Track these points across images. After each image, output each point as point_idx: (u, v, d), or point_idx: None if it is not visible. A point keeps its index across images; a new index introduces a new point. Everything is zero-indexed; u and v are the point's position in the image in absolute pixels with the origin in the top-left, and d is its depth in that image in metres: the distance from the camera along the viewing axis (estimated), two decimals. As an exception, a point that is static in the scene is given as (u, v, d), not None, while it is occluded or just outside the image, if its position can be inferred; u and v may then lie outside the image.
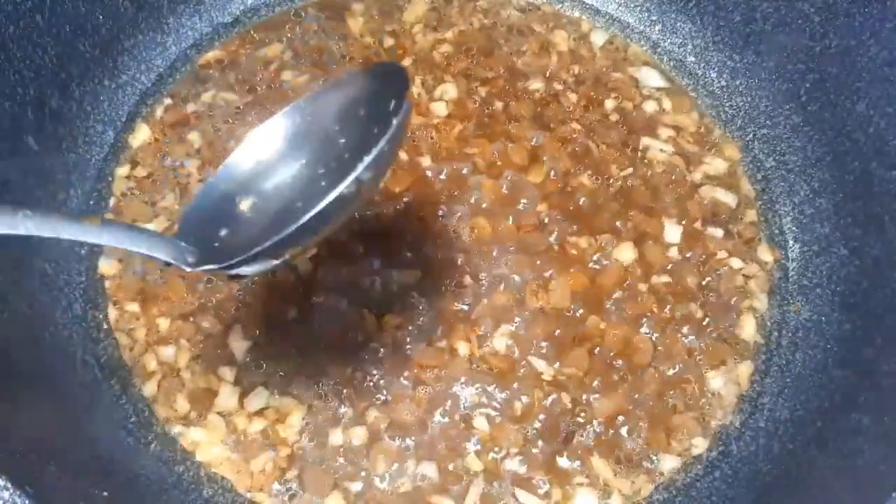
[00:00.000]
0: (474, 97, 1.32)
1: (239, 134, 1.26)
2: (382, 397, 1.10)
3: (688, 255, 1.23)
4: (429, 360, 1.12)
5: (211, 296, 1.15)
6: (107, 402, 1.09)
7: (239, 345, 1.12)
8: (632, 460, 1.10)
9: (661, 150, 1.31)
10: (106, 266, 1.17)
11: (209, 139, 1.27)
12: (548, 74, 1.36)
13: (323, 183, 0.90)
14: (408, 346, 1.13)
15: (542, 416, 1.10)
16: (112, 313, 1.15)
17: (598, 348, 1.15)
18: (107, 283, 1.17)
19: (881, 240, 1.14)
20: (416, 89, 1.32)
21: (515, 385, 1.12)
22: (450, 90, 1.33)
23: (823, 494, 0.99)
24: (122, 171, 1.25)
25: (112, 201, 1.22)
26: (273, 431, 1.08)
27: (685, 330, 1.18)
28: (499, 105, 1.32)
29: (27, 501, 0.78)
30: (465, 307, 1.15)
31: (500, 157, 1.26)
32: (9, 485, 0.78)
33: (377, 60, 1.35)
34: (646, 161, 1.29)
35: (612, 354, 1.15)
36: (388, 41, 1.38)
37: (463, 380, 1.11)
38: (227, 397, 1.09)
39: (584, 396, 1.12)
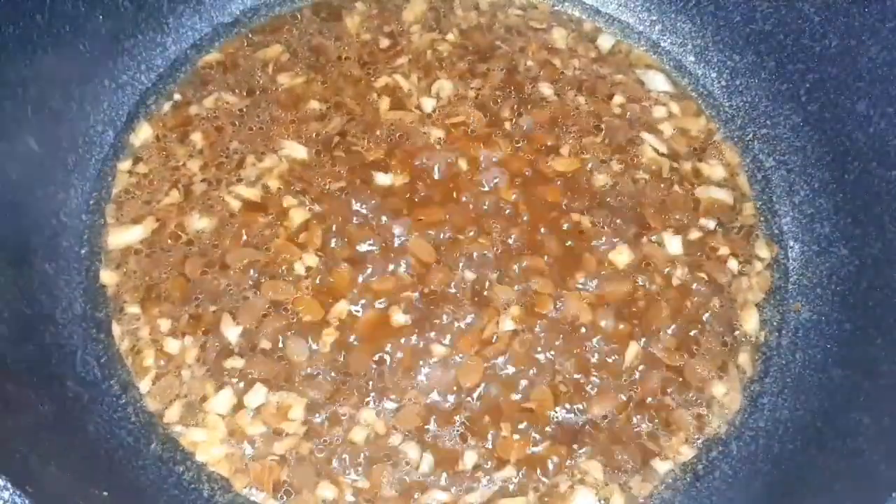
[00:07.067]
0: (471, 95, 1.32)
1: (242, 137, 1.26)
2: (387, 394, 1.10)
3: (686, 255, 1.23)
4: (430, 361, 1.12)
5: (211, 293, 1.15)
6: (107, 402, 1.09)
7: (232, 332, 1.12)
8: (631, 460, 1.10)
9: (661, 152, 1.31)
10: (107, 275, 1.17)
11: (211, 140, 1.27)
12: (547, 74, 1.36)
13: None
14: (414, 344, 1.13)
15: (542, 416, 1.11)
16: (113, 314, 1.15)
17: (596, 349, 1.15)
18: (107, 287, 1.17)
19: (881, 240, 1.14)
20: (409, 86, 1.32)
21: (518, 385, 1.12)
22: (446, 87, 1.33)
23: (823, 494, 0.99)
24: (125, 165, 1.25)
25: (112, 200, 1.22)
26: (272, 428, 1.08)
27: (685, 330, 1.18)
28: (496, 103, 1.32)
29: (27, 501, 0.78)
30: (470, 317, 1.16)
31: (494, 155, 1.26)
32: (9, 485, 0.78)
33: (373, 60, 1.35)
34: (645, 161, 1.29)
35: (610, 355, 1.15)
36: (385, 41, 1.38)
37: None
38: (226, 396, 1.09)
39: (585, 397, 1.12)
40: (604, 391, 1.13)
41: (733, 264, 1.24)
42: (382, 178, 1.23)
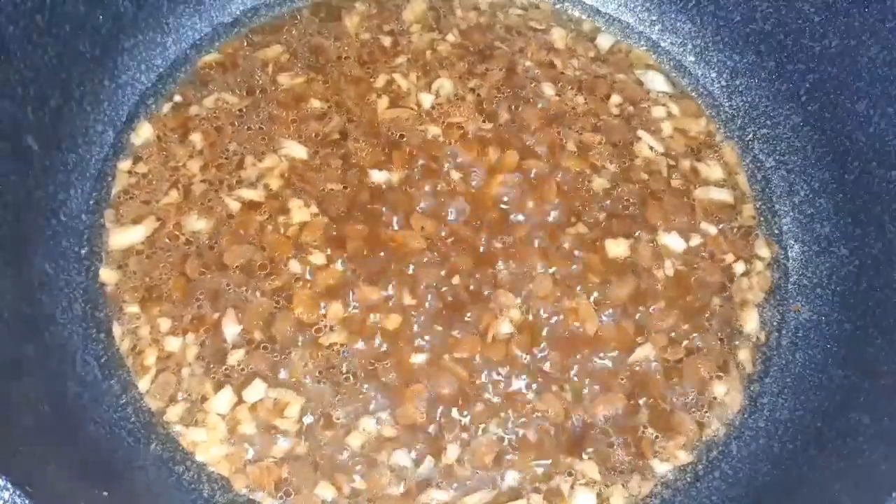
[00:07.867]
0: (470, 95, 1.32)
1: (242, 137, 1.26)
2: (386, 395, 1.10)
3: (686, 255, 1.23)
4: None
5: (211, 293, 1.15)
6: (107, 402, 1.09)
7: (233, 330, 1.12)
8: (631, 460, 1.10)
9: (659, 151, 1.31)
10: (107, 274, 1.17)
11: (211, 140, 1.27)
12: (546, 74, 1.36)
13: None
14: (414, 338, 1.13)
15: (542, 416, 1.11)
16: (113, 314, 1.15)
17: (596, 350, 1.15)
18: (107, 286, 1.17)
19: (881, 240, 1.14)
20: (409, 85, 1.32)
21: (518, 385, 1.12)
22: (446, 85, 1.33)
23: (823, 494, 0.99)
24: (125, 165, 1.25)
25: (112, 199, 1.22)
26: (271, 426, 1.08)
27: (685, 330, 1.18)
28: (495, 102, 1.32)
29: (27, 501, 0.78)
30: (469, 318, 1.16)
31: (492, 154, 1.26)
32: (9, 485, 0.78)
33: (373, 60, 1.35)
34: (644, 161, 1.29)
35: (610, 356, 1.15)
36: (385, 41, 1.38)
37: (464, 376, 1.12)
38: (226, 395, 1.09)
39: (585, 398, 1.12)
40: (604, 392, 1.13)
41: (733, 264, 1.24)
42: (382, 177, 1.24)
